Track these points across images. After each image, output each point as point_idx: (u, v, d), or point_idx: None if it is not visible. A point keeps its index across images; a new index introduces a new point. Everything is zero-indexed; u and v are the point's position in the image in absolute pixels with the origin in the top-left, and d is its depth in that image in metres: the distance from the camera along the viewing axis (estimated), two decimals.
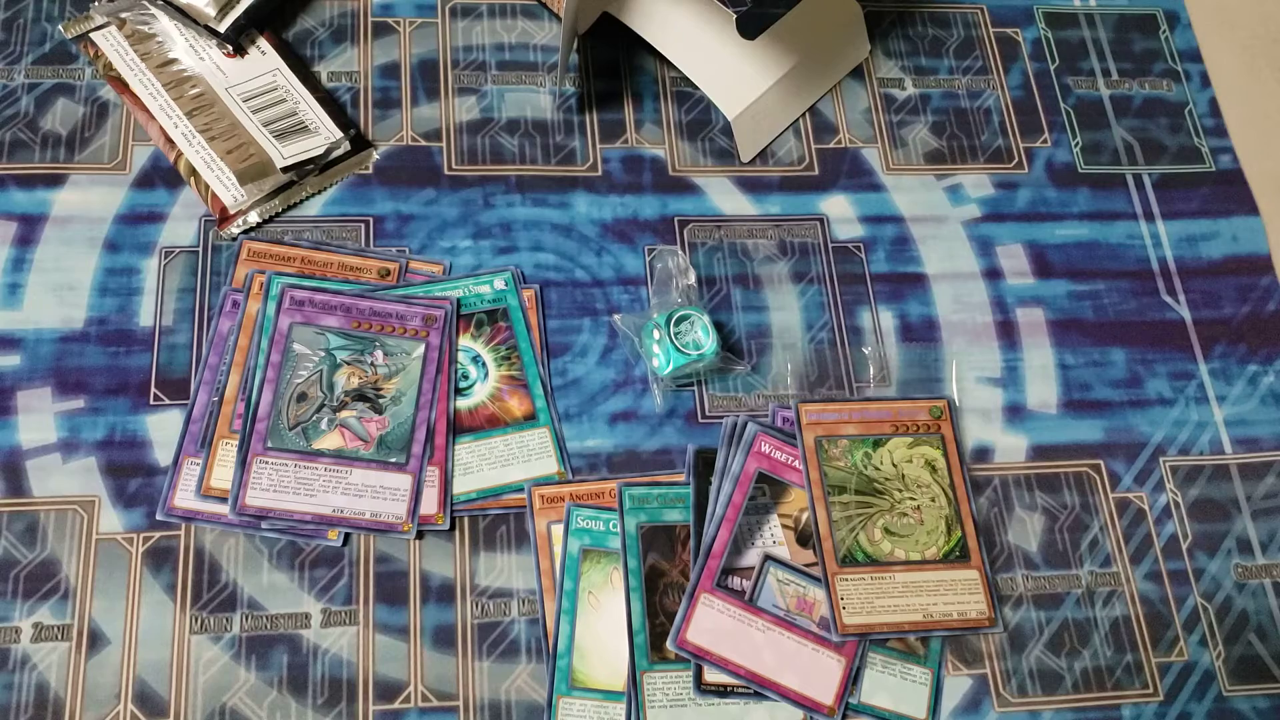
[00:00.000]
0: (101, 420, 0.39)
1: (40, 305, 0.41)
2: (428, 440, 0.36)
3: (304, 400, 0.36)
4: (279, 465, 0.35)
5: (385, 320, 0.37)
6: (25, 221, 0.42)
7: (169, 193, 0.43)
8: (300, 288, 0.37)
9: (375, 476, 0.36)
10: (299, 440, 0.36)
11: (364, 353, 0.37)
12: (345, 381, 0.36)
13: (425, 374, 0.37)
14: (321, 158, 0.43)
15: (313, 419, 0.36)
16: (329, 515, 0.36)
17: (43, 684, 0.36)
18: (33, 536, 0.37)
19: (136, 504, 0.38)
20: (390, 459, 0.36)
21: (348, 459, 0.36)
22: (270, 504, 0.35)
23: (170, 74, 0.44)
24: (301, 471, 0.36)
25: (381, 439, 0.36)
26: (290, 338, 0.36)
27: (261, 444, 0.36)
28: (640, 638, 0.37)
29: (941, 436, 0.42)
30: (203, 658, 0.36)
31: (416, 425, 0.36)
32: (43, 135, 0.44)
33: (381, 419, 0.36)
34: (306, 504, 0.35)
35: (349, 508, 0.35)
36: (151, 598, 0.37)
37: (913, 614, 0.38)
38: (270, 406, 0.36)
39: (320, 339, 0.37)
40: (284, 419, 0.36)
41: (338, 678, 0.37)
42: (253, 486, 0.35)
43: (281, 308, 0.37)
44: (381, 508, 0.36)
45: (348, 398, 0.36)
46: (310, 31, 0.47)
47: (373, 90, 0.46)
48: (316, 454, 0.36)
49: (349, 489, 0.36)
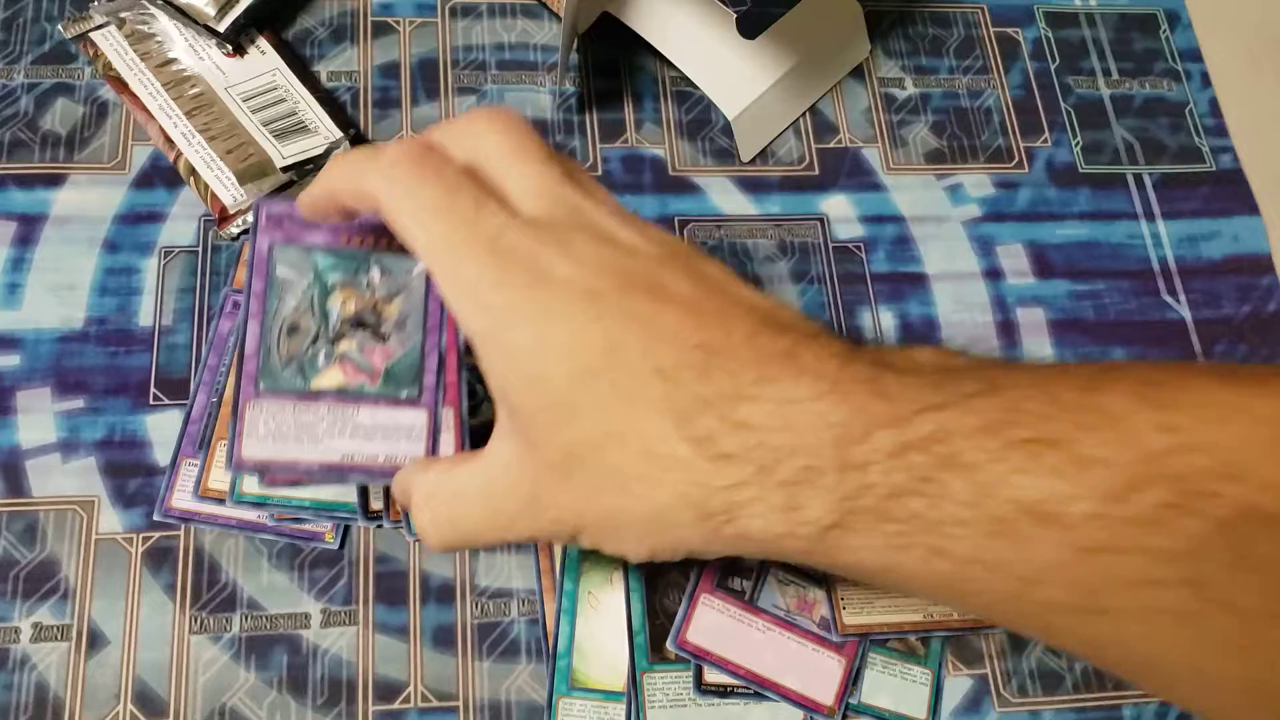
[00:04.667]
0: (101, 420, 0.39)
1: (39, 305, 0.41)
2: (440, 371, 0.32)
3: (296, 333, 0.31)
4: (276, 409, 0.31)
5: (378, 233, 0.31)
6: (24, 221, 0.42)
7: (168, 193, 0.43)
8: (277, 202, 0.31)
9: (385, 414, 0.31)
10: (295, 379, 0.31)
11: (358, 272, 0.31)
12: (341, 307, 0.31)
13: (430, 292, 0.32)
14: (321, 157, 0.43)
15: (308, 353, 0.31)
16: (337, 463, 0.31)
17: (42, 684, 0.36)
18: (32, 536, 0.37)
19: (136, 504, 0.38)
20: (400, 393, 0.31)
21: (353, 397, 0.31)
22: (271, 455, 0.30)
23: (170, 74, 0.44)
24: (303, 415, 0.31)
25: (388, 371, 0.31)
26: (273, 261, 0.31)
27: (253, 386, 0.30)
28: (640, 638, 0.37)
29: None
30: (202, 658, 0.36)
31: (426, 352, 0.32)
32: (42, 135, 0.44)
33: (385, 347, 0.31)
34: (311, 452, 0.31)
35: (359, 452, 0.31)
36: (151, 598, 0.37)
37: (913, 614, 0.38)
38: (258, 342, 0.31)
39: (307, 259, 0.31)
40: (275, 356, 0.31)
41: (337, 678, 0.37)
42: (248, 436, 0.30)
43: (259, 226, 0.31)
44: (396, 448, 0.31)
45: (345, 326, 0.31)
46: (310, 31, 0.47)
47: (372, 90, 0.46)
48: (317, 394, 0.31)
49: (357, 431, 0.31)
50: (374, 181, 0.25)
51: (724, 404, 0.22)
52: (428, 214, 0.24)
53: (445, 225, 0.24)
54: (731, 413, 0.22)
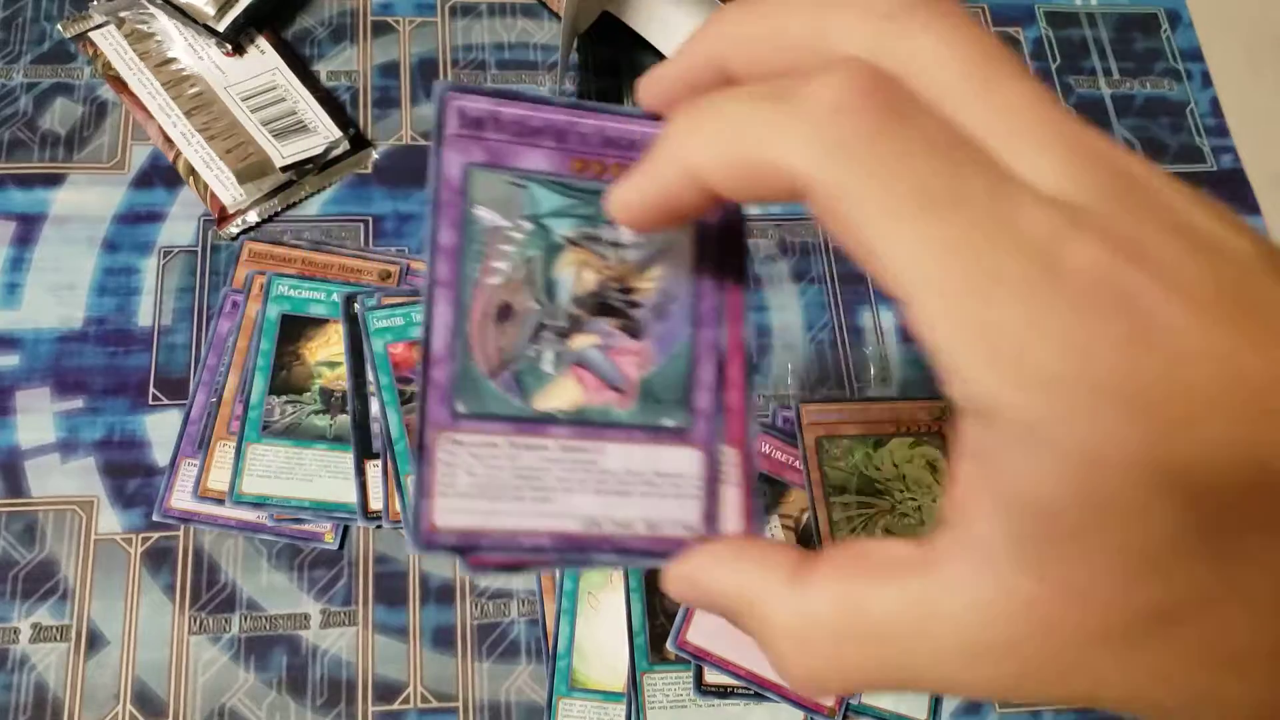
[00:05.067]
0: (100, 420, 0.39)
1: (39, 305, 0.41)
2: (718, 387, 0.20)
3: (509, 318, 0.20)
4: (484, 447, 0.19)
5: (627, 154, 0.20)
6: (24, 221, 0.42)
7: (168, 192, 0.43)
8: (471, 91, 0.20)
9: (643, 454, 0.20)
10: (510, 397, 0.20)
11: (598, 220, 0.20)
12: (574, 278, 0.20)
13: (704, 257, 0.21)
14: (320, 157, 0.43)
15: (529, 353, 0.20)
16: (579, 534, 0.20)
17: (41, 684, 0.35)
18: (31, 537, 0.37)
19: (135, 504, 0.38)
20: (662, 420, 0.20)
21: (595, 426, 0.20)
22: (480, 521, 0.19)
23: (169, 73, 0.44)
24: (523, 455, 0.19)
25: (645, 385, 0.20)
26: (470, 195, 0.20)
27: (447, 408, 0.19)
28: (640, 638, 0.37)
29: (943, 437, 0.42)
30: (202, 658, 0.36)
31: (698, 356, 0.20)
32: (41, 135, 0.43)
33: (641, 345, 0.20)
34: (538, 516, 0.20)
35: (608, 515, 0.20)
36: (150, 598, 0.37)
37: None
38: (452, 335, 0.19)
39: (520, 195, 0.20)
40: (478, 358, 0.20)
41: (337, 678, 0.37)
42: (444, 492, 0.19)
43: (444, 134, 0.20)
44: (658, 511, 0.20)
45: (582, 309, 0.20)
46: (309, 30, 0.47)
47: (372, 89, 0.46)
48: (543, 421, 0.20)
49: (604, 481, 0.20)
50: (796, 146, 0.15)
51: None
52: (917, 208, 0.14)
53: (953, 228, 0.14)
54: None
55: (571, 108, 0.20)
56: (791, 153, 0.15)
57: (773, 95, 0.15)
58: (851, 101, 0.14)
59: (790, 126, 0.15)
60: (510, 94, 0.20)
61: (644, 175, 0.17)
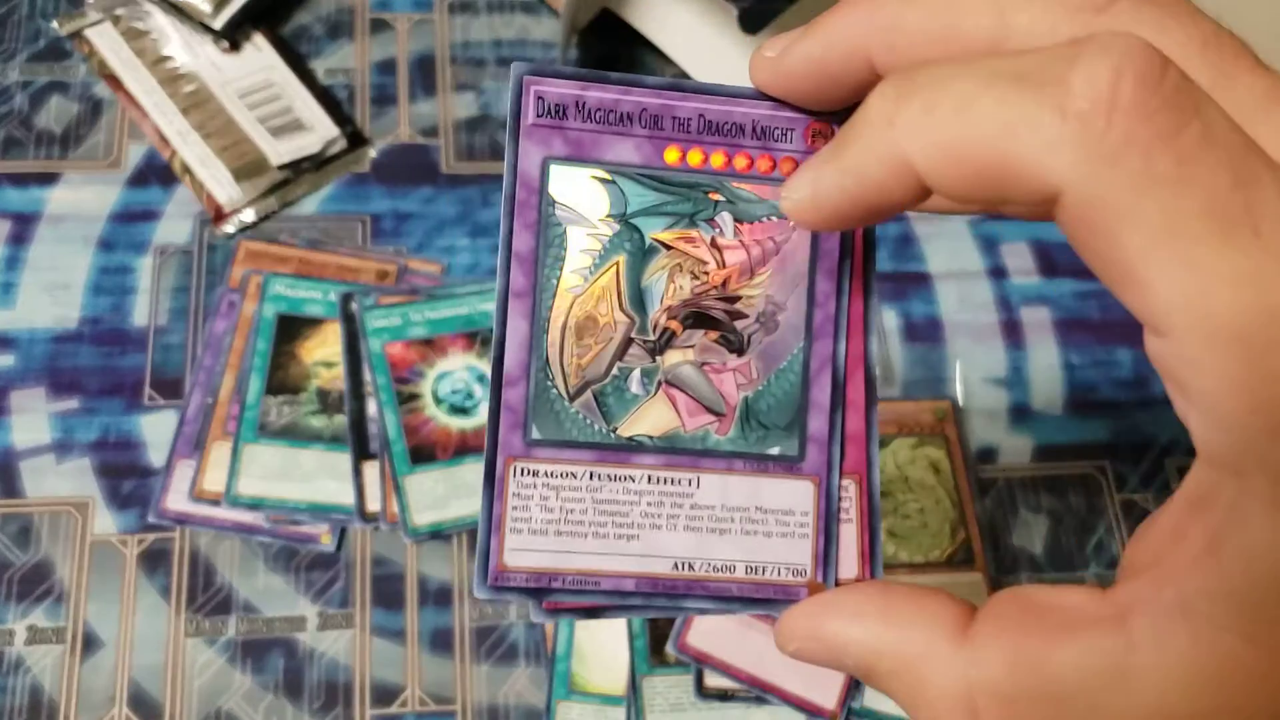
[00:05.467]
0: (95, 421, 0.39)
1: (34, 304, 0.40)
2: (837, 409, 0.18)
3: (592, 332, 0.18)
4: (561, 477, 0.18)
5: (734, 142, 0.18)
6: (19, 220, 0.41)
7: (163, 190, 0.43)
8: (552, 74, 0.18)
9: (745, 488, 0.18)
10: (592, 421, 0.18)
11: (695, 218, 0.18)
12: (667, 286, 0.18)
13: (820, 259, 0.18)
14: (317, 155, 0.43)
15: (614, 372, 0.18)
16: (666, 576, 0.18)
17: (37, 687, 0.35)
18: (26, 538, 0.37)
19: (131, 506, 0.38)
20: (769, 447, 0.18)
21: (690, 455, 0.18)
22: (553, 561, 0.17)
23: (165, 71, 0.44)
24: (605, 487, 0.18)
25: (748, 407, 0.18)
26: (548, 194, 0.18)
27: (520, 434, 0.17)
28: (640, 641, 0.37)
29: (945, 438, 0.41)
30: (198, 661, 0.36)
31: (813, 375, 0.18)
32: (36, 133, 0.43)
33: (743, 363, 0.18)
34: (621, 556, 0.17)
35: (701, 557, 0.18)
36: (146, 601, 0.37)
37: None
38: (528, 352, 0.17)
39: (606, 192, 0.18)
40: (558, 377, 0.18)
41: (334, 681, 0.36)
42: (515, 528, 0.17)
43: (521, 124, 0.18)
44: (762, 552, 0.18)
45: (675, 321, 0.18)
46: (306, 27, 0.47)
47: (369, 87, 0.46)
48: (629, 448, 0.18)
49: (698, 518, 0.18)
50: (1056, 147, 0.12)
51: None
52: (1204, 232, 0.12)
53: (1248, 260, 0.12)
54: None
55: (668, 89, 0.18)
56: (1049, 155, 0.12)
57: (1023, 77, 0.12)
58: (1131, 95, 0.12)
59: (1049, 122, 0.12)
60: (597, 76, 0.17)
61: (835, 162, 0.14)
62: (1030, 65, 0.13)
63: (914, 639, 0.15)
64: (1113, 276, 0.13)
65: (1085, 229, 0.13)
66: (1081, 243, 0.13)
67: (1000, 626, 0.14)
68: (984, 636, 0.14)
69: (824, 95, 0.16)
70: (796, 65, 0.16)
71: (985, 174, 0.13)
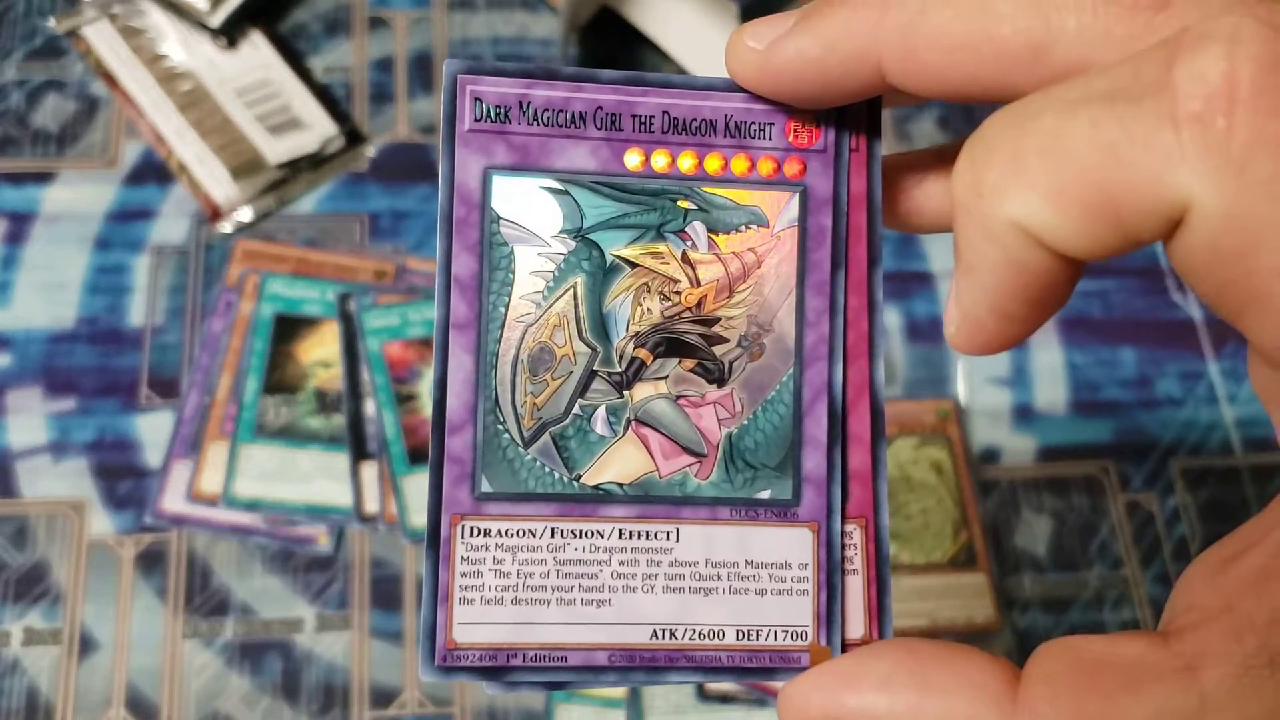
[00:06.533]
0: (92, 421, 0.38)
1: (30, 304, 0.40)
2: (835, 444, 0.16)
3: (547, 365, 0.15)
4: (518, 536, 0.15)
5: (705, 142, 0.16)
6: (15, 219, 0.41)
7: (160, 189, 0.42)
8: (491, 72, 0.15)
9: (732, 539, 0.16)
10: (550, 469, 0.15)
11: (663, 230, 0.16)
12: (633, 309, 0.16)
13: (810, 271, 0.16)
14: (315, 153, 0.43)
15: (574, 410, 0.15)
16: (644, 647, 0.15)
17: (33, 689, 0.35)
18: (23, 539, 0.37)
19: (127, 506, 0.37)
20: (758, 491, 0.16)
21: (666, 504, 0.16)
22: (510, 635, 0.15)
23: (162, 69, 0.44)
24: (569, 545, 0.15)
25: (732, 445, 0.16)
26: (490, 209, 0.15)
27: (468, 489, 0.15)
28: None
29: (948, 438, 0.41)
30: (195, 663, 0.36)
31: (806, 407, 0.16)
32: (33, 131, 0.43)
33: (725, 394, 0.16)
34: (590, 625, 0.15)
35: (685, 622, 0.15)
36: (143, 602, 0.36)
37: (919, 619, 0.38)
38: (474, 392, 0.15)
39: (559, 204, 0.16)
40: (509, 419, 0.15)
41: (332, 684, 0.36)
42: (465, 598, 0.15)
43: (458, 130, 0.15)
44: (756, 615, 0.15)
45: (644, 350, 0.16)
46: (304, 25, 0.46)
47: (367, 85, 0.46)
48: (594, 499, 0.15)
49: (677, 578, 0.15)
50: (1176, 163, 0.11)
51: None
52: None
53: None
54: None
55: (626, 83, 0.15)
56: (1166, 171, 0.10)
57: (1113, 93, 0.11)
58: (1251, 83, 0.10)
59: (1160, 134, 0.10)
60: (544, 72, 0.15)
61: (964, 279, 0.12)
62: (1118, 79, 0.11)
63: (957, 710, 0.13)
64: (1233, 301, 0.11)
65: (1209, 251, 0.11)
66: (1202, 265, 0.11)
67: (1054, 689, 0.12)
68: (1038, 701, 0.12)
69: (817, 98, 0.15)
70: (788, 64, 0.14)
71: (1100, 212, 0.11)
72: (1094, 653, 0.13)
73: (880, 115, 0.16)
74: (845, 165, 0.16)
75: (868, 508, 0.16)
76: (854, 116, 0.16)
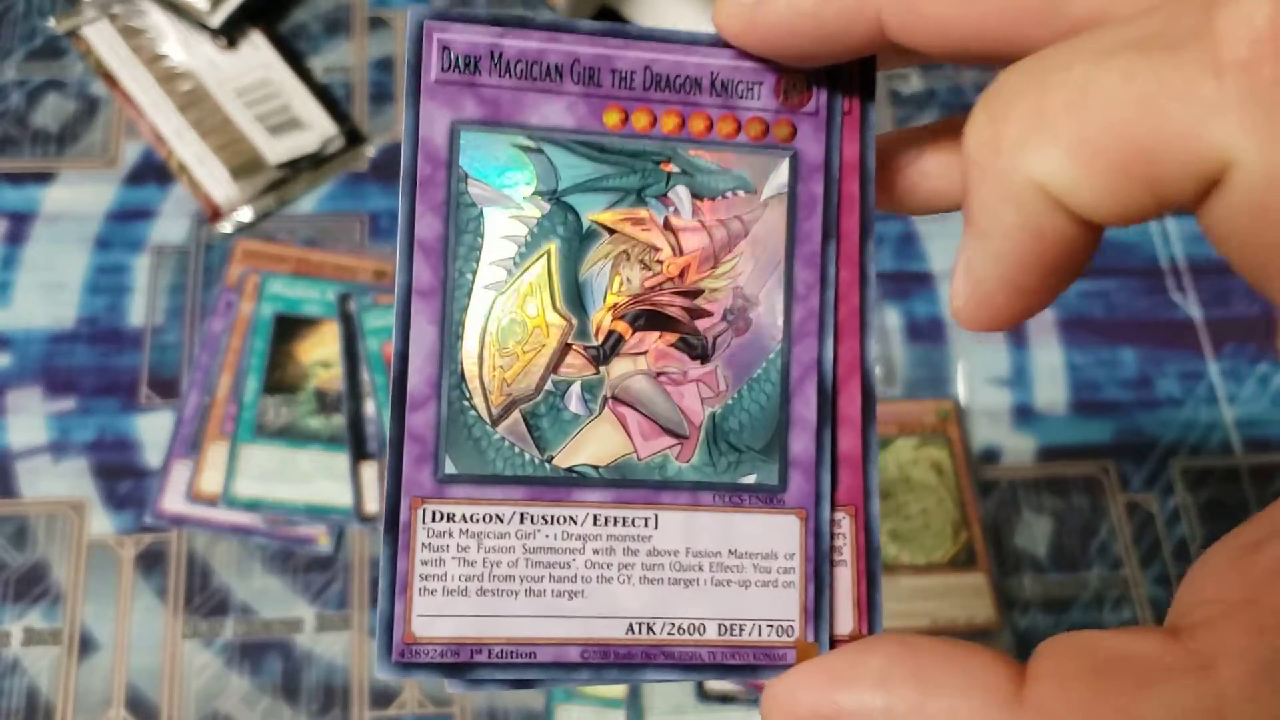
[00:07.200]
0: (91, 421, 0.38)
1: (30, 304, 0.40)
2: (826, 425, 0.15)
3: (516, 337, 0.14)
4: (484, 521, 0.14)
5: (690, 100, 0.15)
6: (15, 219, 0.41)
7: (160, 189, 0.42)
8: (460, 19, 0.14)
9: (714, 527, 0.15)
10: (520, 450, 0.14)
11: (644, 193, 0.15)
12: (611, 278, 0.15)
13: (799, 242, 0.15)
14: (315, 153, 0.43)
15: (546, 390, 0.14)
16: (619, 643, 0.14)
17: (33, 689, 0.35)
18: (23, 539, 0.37)
19: (127, 507, 0.37)
20: (742, 475, 0.15)
21: (645, 489, 0.14)
22: (474, 629, 0.14)
23: (162, 69, 0.44)
24: (540, 532, 0.14)
25: (716, 426, 0.15)
26: (458, 164, 0.14)
27: (430, 470, 0.14)
28: None
29: (948, 438, 0.41)
30: (195, 663, 0.36)
31: (793, 382, 0.15)
32: (33, 132, 0.43)
33: (707, 370, 0.15)
34: (560, 618, 0.14)
35: (663, 615, 0.14)
36: (142, 602, 0.36)
37: (919, 619, 0.38)
38: (438, 366, 0.14)
39: (532, 163, 0.14)
40: (476, 396, 0.14)
41: (332, 684, 0.36)
42: (425, 589, 0.14)
43: (424, 81, 0.14)
44: (740, 608, 0.14)
45: (623, 322, 0.15)
46: (304, 25, 0.46)
47: (367, 85, 0.46)
48: (568, 483, 0.14)
49: (655, 568, 0.14)
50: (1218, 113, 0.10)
51: None
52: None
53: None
54: None
55: (606, 34, 0.14)
56: (1210, 122, 0.10)
57: (1148, 41, 0.10)
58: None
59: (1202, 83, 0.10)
60: (517, 20, 0.14)
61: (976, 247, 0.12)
62: (1153, 26, 0.10)
63: (961, 709, 0.12)
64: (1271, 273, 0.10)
65: (1252, 212, 0.10)
66: (1243, 229, 0.10)
67: (1063, 686, 0.12)
68: (1046, 699, 0.12)
69: (810, 55, 0.14)
70: (780, 17, 0.13)
71: (1131, 170, 0.10)
72: (1105, 649, 0.12)
73: (875, 76, 0.15)
74: (838, 129, 0.15)
75: (858, 495, 0.15)
76: (847, 77, 0.15)
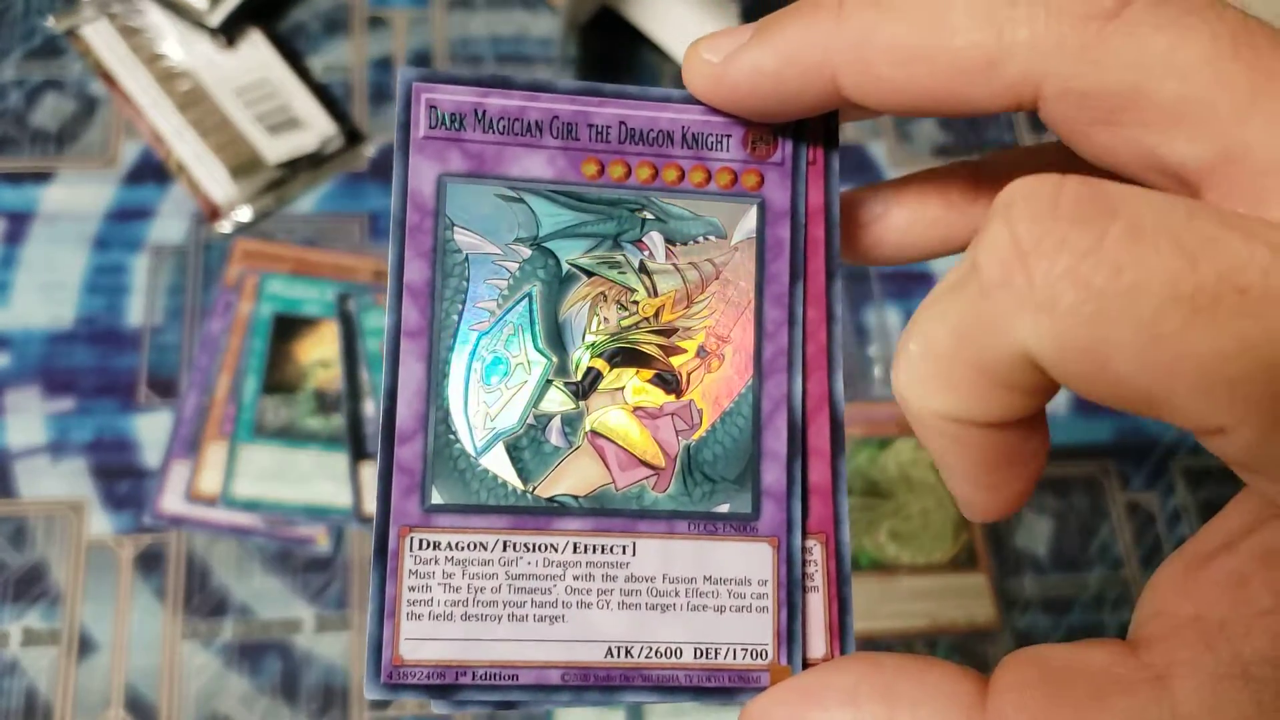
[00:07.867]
0: (90, 421, 0.38)
1: (28, 304, 0.40)
2: (796, 457, 0.16)
3: (500, 374, 0.15)
4: (468, 549, 0.15)
5: (662, 152, 0.16)
6: (13, 219, 0.41)
7: (159, 189, 0.42)
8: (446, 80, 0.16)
9: (690, 554, 0.15)
10: (503, 480, 0.15)
11: (620, 239, 0.16)
12: (589, 318, 0.16)
13: (768, 283, 0.16)
14: (314, 153, 0.43)
15: (529, 422, 0.15)
16: (599, 666, 0.15)
17: (32, 689, 0.35)
18: (21, 539, 0.37)
19: (126, 507, 0.37)
20: (715, 504, 0.15)
21: (623, 518, 0.15)
22: (459, 652, 0.15)
23: (160, 68, 0.43)
24: (522, 560, 0.15)
25: (691, 457, 0.16)
26: (444, 216, 0.15)
27: (417, 500, 0.15)
28: None
29: None
30: (194, 663, 0.36)
31: (765, 417, 0.16)
32: (31, 131, 0.43)
33: (683, 406, 0.16)
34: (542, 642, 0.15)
35: (641, 639, 0.15)
36: (141, 603, 0.36)
37: (919, 619, 0.38)
38: (425, 402, 0.15)
39: (514, 212, 0.15)
40: (461, 429, 0.15)
41: (331, 684, 0.36)
42: (412, 614, 0.15)
43: (413, 137, 0.15)
44: (715, 633, 0.15)
45: (601, 360, 0.16)
46: (303, 24, 0.46)
47: (367, 84, 0.45)
48: (548, 512, 0.15)
49: (632, 593, 0.15)
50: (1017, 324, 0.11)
51: None
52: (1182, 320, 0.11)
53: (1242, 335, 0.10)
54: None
55: (582, 93, 0.16)
56: (1008, 332, 0.11)
57: (955, 285, 0.12)
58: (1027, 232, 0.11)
59: (985, 306, 0.11)
60: (499, 81, 0.16)
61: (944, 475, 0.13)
62: (952, 274, 0.12)
63: None
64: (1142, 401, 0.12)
65: (1077, 382, 0.12)
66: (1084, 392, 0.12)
67: (1022, 699, 0.12)
68: (1007, 710, 0.12)
69: (773, 112, 0.15)
70: (743, 78, 0.14)
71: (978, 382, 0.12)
72: (1060, 662, 0.13)
73: (837, 129, 0.16)
74: (803, 178, 0.16)
75: (828, 523, 0.16)
76: (812, 130, 0.16)
